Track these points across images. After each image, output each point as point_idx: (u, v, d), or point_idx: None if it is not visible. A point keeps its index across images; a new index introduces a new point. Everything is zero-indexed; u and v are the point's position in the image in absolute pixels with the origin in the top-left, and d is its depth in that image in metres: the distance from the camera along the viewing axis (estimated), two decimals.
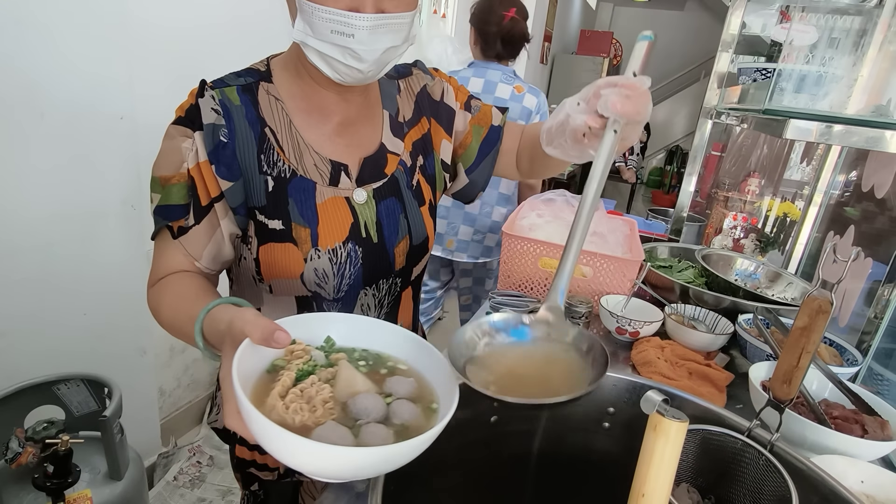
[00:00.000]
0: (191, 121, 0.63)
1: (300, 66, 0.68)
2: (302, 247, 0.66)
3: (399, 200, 0.74)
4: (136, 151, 1.45)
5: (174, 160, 0.63)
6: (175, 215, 0.63)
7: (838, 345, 1.00)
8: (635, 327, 1.04)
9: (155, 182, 0.65)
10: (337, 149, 0.70)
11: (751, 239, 3.68)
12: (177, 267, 0.65)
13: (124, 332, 1.53)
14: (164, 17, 1.52)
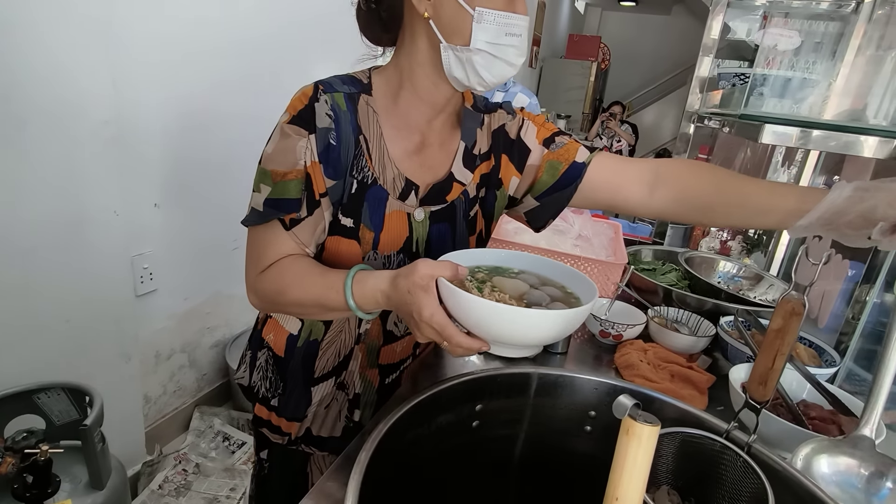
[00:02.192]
0: (306, 122, 0.68)
1: (403, 83, 0.74)
2: (364, 246, 0.74)
3: (452, 227, 0.81)
4: (121, 157, 1.44)
5: (290, 157, 0.68)
6: (290, 208, 0.70)
7: (817, 346, 1.02)
8: (618, 330, 1.05)
9: (266, 175, 0.69)
10: (412, 168, 0.76)
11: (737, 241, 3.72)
12: (283, 252, 0.72)
13: (108, 339, 1.51)
14: (149, 22, 1.51)
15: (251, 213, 0.72)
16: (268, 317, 0.87)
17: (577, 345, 1.10)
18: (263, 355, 0.87)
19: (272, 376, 0.87)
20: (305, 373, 0.85)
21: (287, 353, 0.85)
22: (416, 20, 0.69)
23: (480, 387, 0.76)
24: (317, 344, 0.84)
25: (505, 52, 0.67)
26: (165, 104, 1.62)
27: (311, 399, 0.87)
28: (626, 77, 8.59)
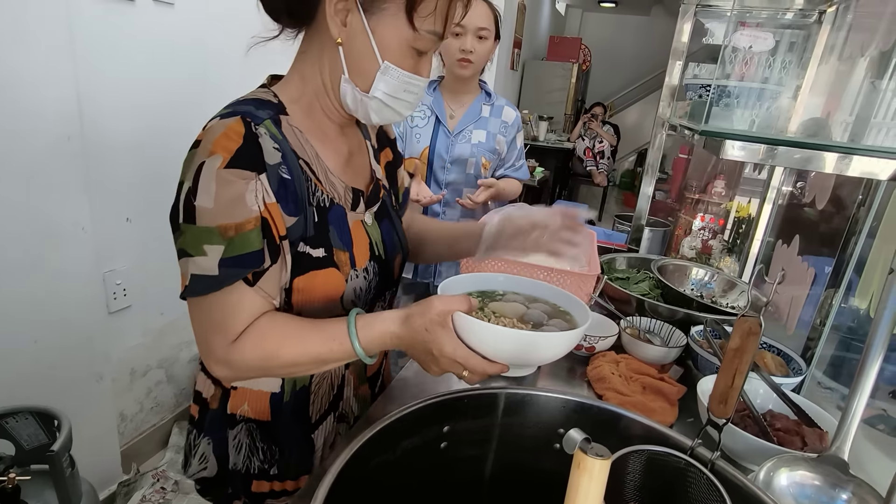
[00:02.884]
0: (249, 161, 0.61)
1: (312, 101, 0.72)
2: (343, 269, 0.71)
3: (390, 221, 0.83)
4: (87, 172, 1.42)
5: (240, 206, 0.61)
6: (253, 263, 0.62)
7: (784, 353, 1.03)
8: (591, 342, 1.05)
9: (211, 233, 0.60)
10: (350, 176, 0.76)
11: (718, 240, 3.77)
12: (257, 312, 0.65)
13: (78, 359, 1.48)
14: (113, 36, 1.49)
15: (198, 282, 0.61)
16: (229, 389, 0.77)
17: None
18: (240, 432, 0.78)
19: (263, 446, 0.78)
20: (302, 424, 0.79)
21: (274, 415, 0.77)
22: (327, 37, 0.66)
23: (447, 408, 0.75)
24: (306, 389, 0.78)
25: (399, 104, 0.69)
26: (134, 119, 1.59)
27: (314, 446, 0.81)
28: (607, 78, 8.66)
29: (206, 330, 0.64)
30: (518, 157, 1.72)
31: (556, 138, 5.95)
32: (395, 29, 0.64)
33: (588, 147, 6.01)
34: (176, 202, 0.62)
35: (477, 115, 1.65)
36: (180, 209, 0.62)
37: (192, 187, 0.60)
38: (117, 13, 1.49)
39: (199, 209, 0.60)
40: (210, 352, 0.65)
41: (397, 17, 0.63)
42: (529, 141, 5.55)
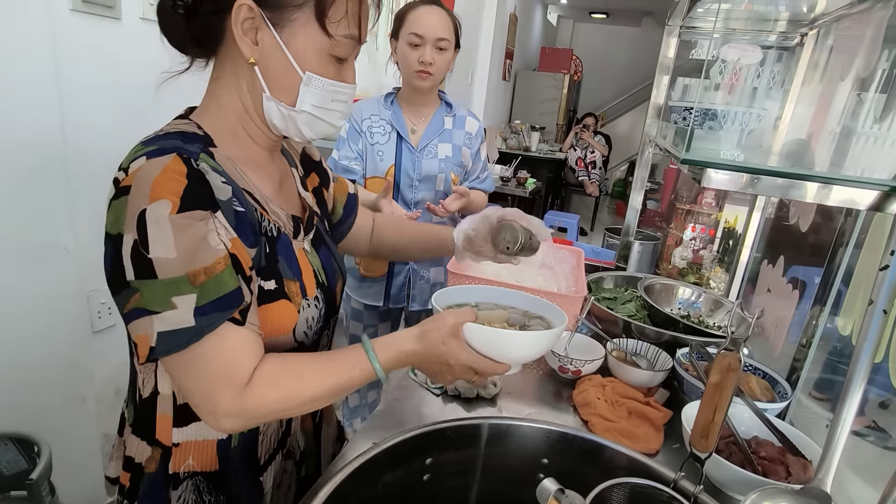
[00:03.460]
0: (201, 200, 0.57)
1: (236, 129, 0.68)
2: (294, 300, 0.68)
3: (327, 247, 0.81)
4: (70, 193, 1.40)
5: (204, 249, 0.56)
6: (233, 303, 0.58)
7: (770, 376, 1.03)
8: (577, 366, 1.05)
9: (179, 283, 0.55)
10: (287, 203, 0.74)
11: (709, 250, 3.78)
12: (256, 353, 0.61)
13: (61, 381, 1.46)
14: (98, 55, 1.48)
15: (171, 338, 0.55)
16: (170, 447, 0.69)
17: (537, 380, 1.10)
18: (185, 490, 0.70)
19: (210, 498, 0.71)
20: (249, 468, 0.73)
21: (223, 463, 0.71)
22: (240, 58, 0.64)
23: (429, 440, 0.74)
24: (255, 431, 0.73)
25: (329, 115, 0.68)
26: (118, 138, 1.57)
27: (263, 489, 0.75)
28: (599, 88, 8.73)
29: (207, 385, 0.58)
30: (482, 168, 1.67)
31: (548, 149, 5.98)
32: (309, 38, 0.62)
33: (580, 157, 6.04)
34: (115, 259, 0.56)
35: (440, 128, 1.57)
36: (127, 266, 0.55)
37: (138, 239, 0.54)
38: (102, 31, 1.48)
39: (157, 261, 0.54)
40: (216, 407, 0.58)
41: (309, 25, 0.61)
42: (521, 151, 5.57)
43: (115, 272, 0.56)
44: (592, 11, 8.17)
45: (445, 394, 1.00)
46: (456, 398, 1.00)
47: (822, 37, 1.20)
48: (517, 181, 4.43)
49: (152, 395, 0.67)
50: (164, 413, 0.67)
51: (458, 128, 1.59)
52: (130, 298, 0.56)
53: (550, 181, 5.78)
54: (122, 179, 0.57)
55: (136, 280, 0.55)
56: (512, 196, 4.56)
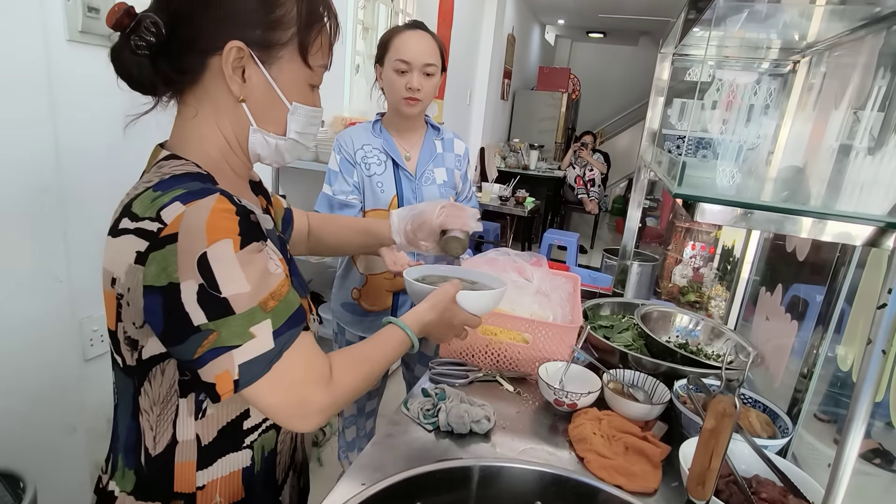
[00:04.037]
0: (254, 234, 0.60)
1: (221, 162, 0.70)
2: (307, 316, 0.70)
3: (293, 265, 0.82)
4: (65, 222, 1.40)
5: (267, 277, 0.60)
6: (301, 317, 0.64)
7: (771, 410, 1.01)
8: (572, 399, 1.03)
9: (255, 313, 0.58)
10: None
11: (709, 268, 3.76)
12: (321, 350, 0.67)
13: (49, 411, 1.44)
14: (95, 84, 1.48)
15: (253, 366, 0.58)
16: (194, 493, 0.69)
17: (532, 414, 1.08)
18: None
19: None
20: (270, 489, 0.76)
21: (247, 490, 0.72)
22: (222, 95, 0.65)
23: (419, 484, 0.72)
24: (273, 452, 0.75)
25: (306, 139, 0.74)
26: (115, 166, 1.58)
27: None
28: (597, 106, 8.80)
29: (298, 392, 0.61)
30: (469, 188, 1.67)
31: (546, 167, 6.00)
32: (293, 72, 0.67)
33: (579, 175, 6.06)
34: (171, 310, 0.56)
35: (433, 153, 1.54)
36: (193, 312, 0.56)
37: (204, 283, 0.55)
38: (100, 60, 1.49)
39: (233, 298, 0.56)
40: (310, 407, 0.62)
41: (293, 60, 0.67)
42: (520, 170, 5.59)
43: (174, 322, 0.56)
44: (590, 31, 8.27)
45: (438, 429, 0.98)
46: (449, 434, 0.97)
47: (815, 64, 1.20)
48: (516, 200, 4.43)
49: (168, 448, 0.66)
50: (185, 461, 0.67)
51: (447, 151, 1.57)
52: (203, 342, 0.56)
53: (550, 199, 5.79)
54: (159, 230, 0.56)
55: (209, 322, 0.56)
56: (511, 215, 4.55)
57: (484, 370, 1.21)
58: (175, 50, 0.63)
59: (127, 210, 0.60)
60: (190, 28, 0.62)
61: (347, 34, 2.80)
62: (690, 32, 1.12)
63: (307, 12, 0.65)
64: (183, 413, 0.65)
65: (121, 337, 0.63)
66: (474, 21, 4.83)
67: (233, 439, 0.69)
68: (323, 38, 0.69)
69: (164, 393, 0.64)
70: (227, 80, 0.63)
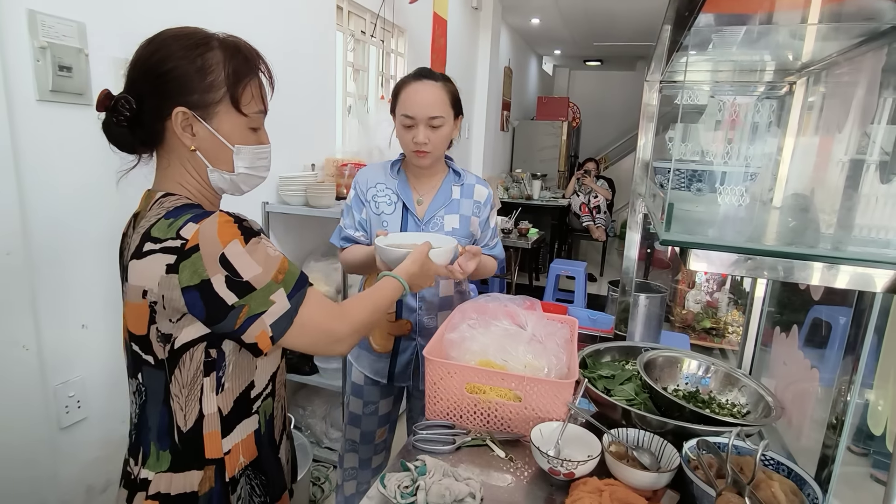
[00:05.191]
0: (250, 232, 0.78)
1: (201, 199, 0.86)
2: None
3: None
4: (32, 286, 1.34)
5: (272, 259, 0.79)
6: (305, 280, 0.83)
7: (796, 474, 0.89)
8: (569, 468, 0.92)
9: (270, 286, 0.78)
10: None
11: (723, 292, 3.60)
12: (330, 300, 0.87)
13: (17, 488, 1.35)
14: (65, 141, 1.45)
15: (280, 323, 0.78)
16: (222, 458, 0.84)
17: (525, 486, 0.96)
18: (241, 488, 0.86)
19: (256, 482, 0.89)
20: (273, 447, 0.93)
21: (259, 448, 0.89)
22: (181, 149, 0.81)
23: None
24: (271, 416, 0.92)
25: (258, 171, 0.89)
26: (89, 220, 1.53)
27: (281, 464, 0.95)
28: (599, 132, 8.79)
29: (323, 330, 0.83)
30: (492, 235, 1.61)
31: (550, 196, 5.93)
32: (231, 122, 0.82)
33: (583, 203, 5.98)
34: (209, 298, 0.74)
35: (447, 199, 1.50)
36: (226, 295, 0.75)
37: (229, 274, 0.74)
38: (72, 120, 1.46)
39: (253, 279, 0.76)
40: (337, 335, 0.85)
41: (230, 112, 0.81)
42: (523, 200, 5.53)
43: (214, 307, 0.75)
44: (586, 59, 8.35)
45: None
46: None
47: (813, 84, 1.12)
48: (519, 232, 4.35)
49: (197, 422, 0.81)
50: (211, 430, 0.82)
51: (466, 197, 1.51)
52: (240, 315, 0.76)
53: (555, 228, 5.70)
54: (182, 244, 0.74)
55: (240, 300, 0.75)
56: (514, 248, 4.46)
57: (473, 433, 1.10)
58: (144, 119, 0.80)
59: (147, 236, 0.76)
60: (150, 101, 0.79)
61: (338, 76, 2.80)
62: (674, 58, 1.05)
63: (233, 72, 0.80)
64: (206, 391, 0.81)
65: (153, 338, 0.78)
66: (469, 56, 4.87)
67: (245, 407, 0.85)
68: (254, 89, 0.83)
69: (192, 376, 0.79)
70: (179, 135, 0.80)
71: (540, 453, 0.94)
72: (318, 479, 2.23)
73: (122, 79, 0.83)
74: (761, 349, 1.42)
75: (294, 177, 2.23)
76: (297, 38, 2.40)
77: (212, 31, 0.82)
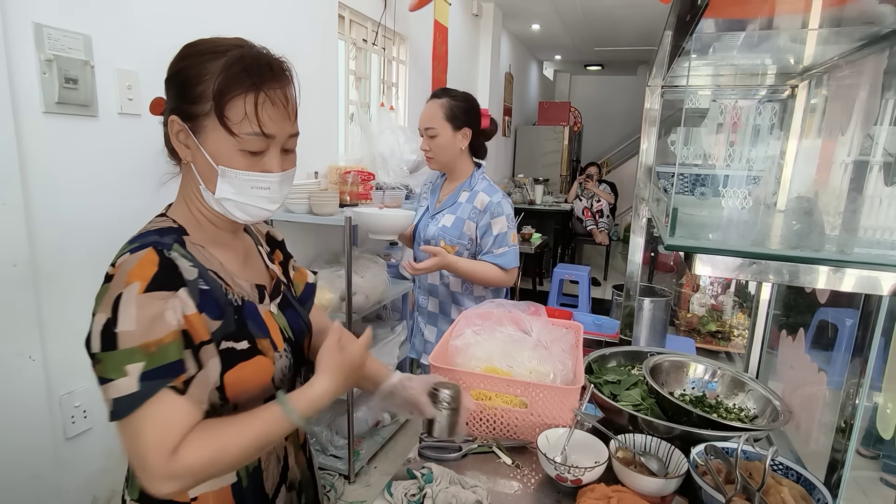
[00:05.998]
0: (167, 283, 0.69)
1: (199, 216, 0.80)
2: (269, 353, 0.79)
3: (293, 309, 0.91)
4: (38, 297, 1.35)
5: (159, 324, 0.66)
6: (177, 371, 0.67)
7: (806, 480, 0.88)
8: (576, 475, 0.91)
9: (133, 353, 0.65)
10: (252, 275, 0.85)
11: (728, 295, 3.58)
12: (190, 421, 0.68)
13: (24, 498, 1.35)
14: (73, 154, 1.46)
15: (120, 404, 0.64)
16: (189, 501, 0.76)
17: (532, 494, 0.96)
18: None
19: None
20: (260, 502, 0.83)
21: (239, 501, 0.80)
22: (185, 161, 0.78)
23: None
24: (258, 469, 0.82)
25: (255, 200, 0.77)
26: (94, 233, 1.54)
27: None
28: (600, 136, 8.80)
29: (142, 449, 0.65)
30: (495, 243, 1.64)
31: (553, 200, 5.93)
32: (219, 139, 0.73)
33: (586, 207, 5.98)
34: (90, 333, 0.66)
35: (454, 201, 1.72)
36: (96, 339, 0.65)
37: (111, 318, 0.65)
38: (79, 131, 1.48)
39: (121, 334, 0.64)
40: (147, 471, 0.65)
41: (217, 129, 0.72)
42: (526, 205, 5.53)
43: (87, 343, 0.66)
44: (587, 64, 8.37)
45: None
46: None
47: (815, 87, 1.12)
48: (522, 237, 4.35)
49: None
50: None
51: (468, 202, 1.69)
52: (96, 367, 0.66)
53: (558, 233, 5.70)
54: (110, 272, 0.69)
55: (101, 352, 0.65)
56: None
57: (479, 440, 1.10)
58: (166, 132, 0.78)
59: None
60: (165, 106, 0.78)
61: (340, 84, 2.82)
62: (676, 63, 1.06)
63: (222, 85, 0.71)
64: None
65: None
66: (470, 62, 4.89)
67: None
68: (248, 107, 0.71)
69: None
70: (175, 146, 0.76)
71: (547, 460, 0.93)
72: (325, 488, 2.22)
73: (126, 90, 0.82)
74: (767, 352, 1.41)
75: (297, 185, 2.23)
76: (299, 47, 2.42)
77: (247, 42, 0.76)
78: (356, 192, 2.43)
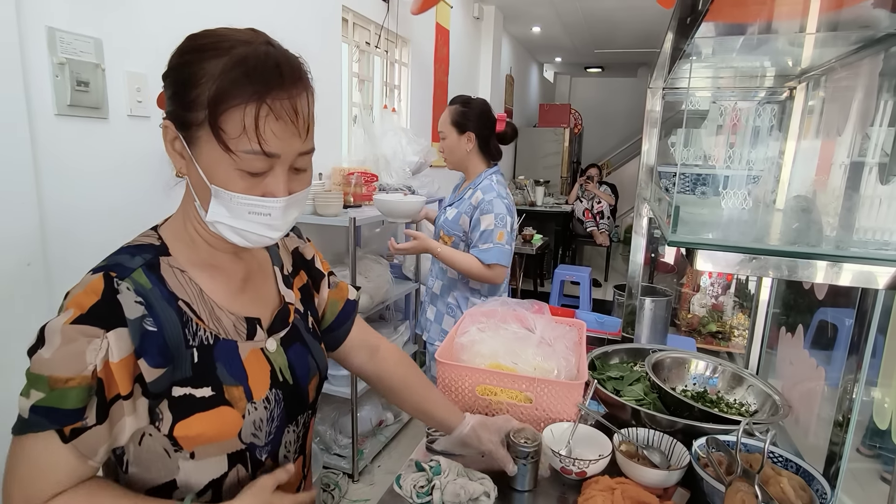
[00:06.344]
0: (100, 318, 0.60)
1: (193, 234, 0.71)
2: (238, 405, 0.68)
3: (303, 344, 0.80)
4: (51, 296, 1.37)
5: (73, 363, 0.59)
6: (68, 419, 0.60)
7: (805, 471, 0.90)
8: (581, 467, 0.93)
9: (40, 380, 0.59)
10: (245, 305, 0.75)
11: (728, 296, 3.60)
12: (67, 473, 0.61)
13: None
14: (84, 155, 1.49)
15: (18, 421, 0.60)
16: None
17: (540, 485, 0.98)
18: None
19: None
20: None
21: None
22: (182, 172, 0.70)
23: None
24: None
25: (251, 227, 0.65)
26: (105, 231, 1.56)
27: None
28: (601, 138, 8.83)
29: (10, 481, 0.61)
30: (482, 238, 1.75)
31: (553, 202, 5.96)
32: (213, 155, 0.62)
33: (587, 208, 6.01)
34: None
35: (460, 197, 1.89)
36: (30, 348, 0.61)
37: (40, 336, 0.60)
38: (89, 133, 1.50)
39: (37, 358, 0.59)
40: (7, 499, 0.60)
41: (211, 143, 0.61)
42: (527, 207, 5.56)
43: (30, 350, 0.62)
44: (587, 66, 8.40)
45: None
46: None
47: (813, 88, 1.14)
48: (523, 238, 4.37)
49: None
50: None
51: (468, 199, 1.84)
52: None
53: (559, 234, 5.72)
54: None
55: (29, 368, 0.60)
56: (518, 254, 4.49)
57: None
58: None
59: None
60: None
61: (343, 86, 2.85)
62: (677, 65, 1.08)
63: (218, 91, 0.60)
64: (113, 463, 0.68)
65: None
66: (471, 65, 4.93)
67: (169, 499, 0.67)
68: (247, 120, 0.60)
69: None
70: (168, 154, 0.67)
71: (552, 453, 0.96)
72: (329, 486, 2.24)
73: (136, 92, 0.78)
74: (767, 352, 1.44)
75: None
76: (303, 50, 2.45)
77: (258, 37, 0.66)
78: (360, 194, 2.46)
